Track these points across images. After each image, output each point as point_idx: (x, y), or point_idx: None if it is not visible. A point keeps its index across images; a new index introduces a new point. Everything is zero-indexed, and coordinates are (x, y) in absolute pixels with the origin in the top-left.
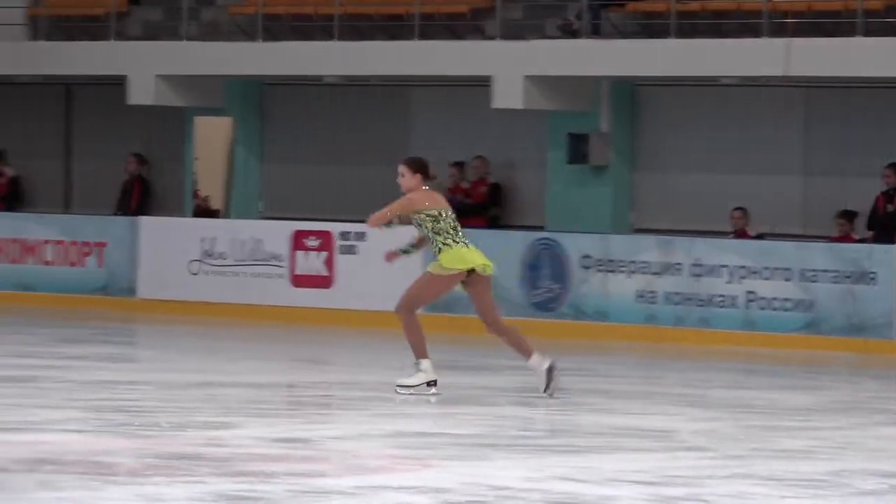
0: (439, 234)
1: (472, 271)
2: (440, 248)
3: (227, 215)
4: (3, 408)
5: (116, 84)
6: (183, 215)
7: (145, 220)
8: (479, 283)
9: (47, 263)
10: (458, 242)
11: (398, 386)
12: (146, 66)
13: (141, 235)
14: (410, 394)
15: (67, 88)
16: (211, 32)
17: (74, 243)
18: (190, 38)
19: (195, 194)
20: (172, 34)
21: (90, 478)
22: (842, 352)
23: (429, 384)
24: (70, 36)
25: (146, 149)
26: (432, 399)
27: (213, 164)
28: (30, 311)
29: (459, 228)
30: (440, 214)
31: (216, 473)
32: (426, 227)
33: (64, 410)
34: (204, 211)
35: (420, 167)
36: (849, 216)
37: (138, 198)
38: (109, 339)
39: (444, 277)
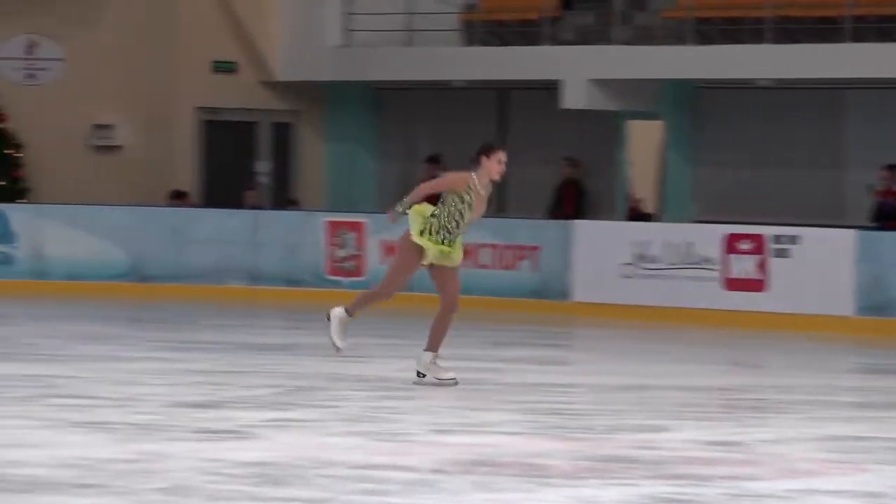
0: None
1: None
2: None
3: (659, 219)
4: (439, 410)
5: (549, 88)
6: (615, 219)
7: (579, 224)
8: None
9: (482, 267)
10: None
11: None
12: (579, 71)
13: (575, 239)
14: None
15: (501, 93)
16: (643, 36)
17: (509, 247)
18: (622, 43)
19: (630, 198)
20: (605, 39)
21: (524, 479)
22: None
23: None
24: (504, 41)
25: (579, 152)
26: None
27: (646, 168)
28: (465, 315)
29: None
30: None
31: (650, 476)
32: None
33: (498, 413)
34: (637, 214)
35: None
36: None
37: (573, 202)
38: (543, 342)
39: None
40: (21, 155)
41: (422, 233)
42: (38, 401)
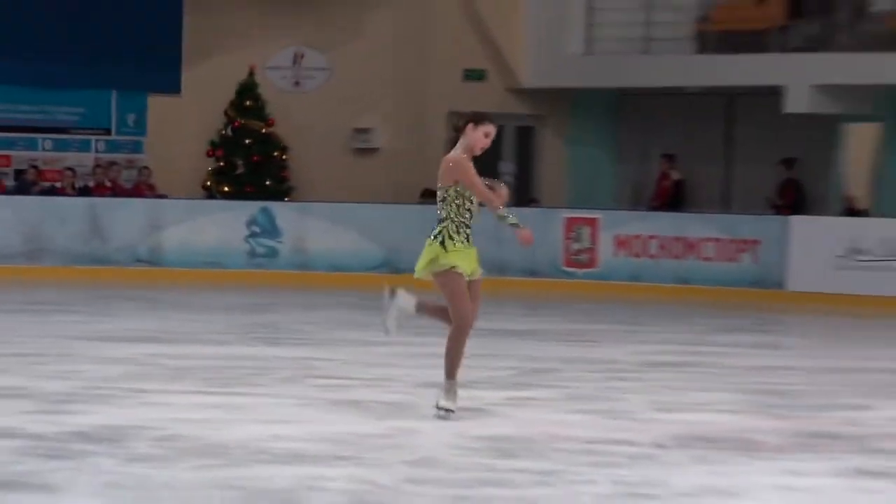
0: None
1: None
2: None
3: (873, 215)
4: (661, 390)
5: (774, 94)
6: (830, 214)
7: (796, 219)
8: None
9: (706, 259)
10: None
11: None
12: (803, 77)
13: (792, 233)
14: None
15: (729, 98)
16: (865, 44)
17: (732, 241)
18: (845, 50)
19: (845, 195)
20: (829, 46)
21: (738, 454)
22: None
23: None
24: (734, 49)
25: (799, 154)
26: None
27: (861, 168)
28: (689, 302)
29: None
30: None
31: (852, 451)
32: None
33: (717, 393)
34: (851, 210)
35: None
36: None
37: (791, 199)
38: (760, 328)
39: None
40: (286, 157)
41: (442, 242)
42: (299, 381)
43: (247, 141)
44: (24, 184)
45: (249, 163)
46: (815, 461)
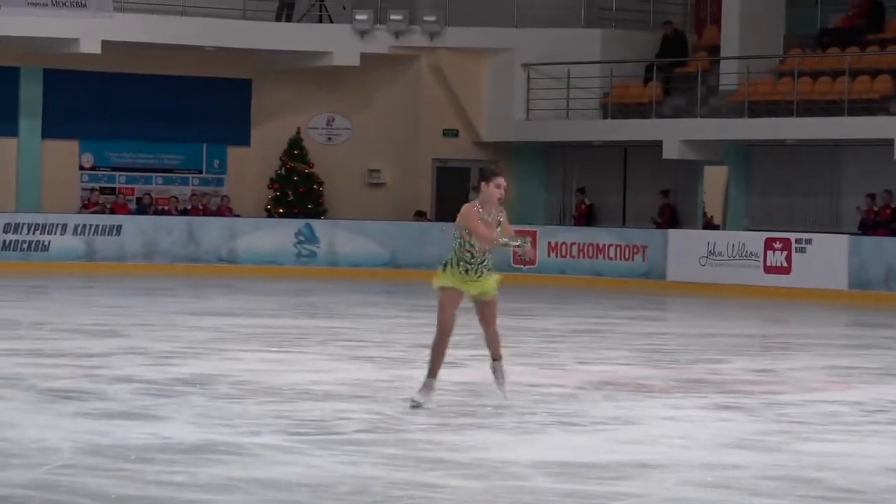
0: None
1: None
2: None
3: (724, 228)
4: (581, 349)
5: (655, 146)
6: (696, 228)
7: (672, 231)
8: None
9: (610, 259)
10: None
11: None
12: (674, 134)
13: (669, 240)
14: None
15: (625, 148)
16: (715, 112)
17: (628, 246)
18: (702, 116)
19: (705, 215)
20: (691, 114)
21: (635, 393)
22: None
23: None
24: (627, 115)
25: (673, 186)
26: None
27: (715, 196)
28: (598, 289)
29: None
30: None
31: (715, 391)
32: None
33: (619, 350)
34: (709, 225)
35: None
36: None
37: (667, 217)
38: (648, 306)
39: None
40: (322, 189)
41: (444, 267)
42: (330, 343)
43: (295, 178)
44: (143, 207)
45: (297, 192)
46: (689, 399)
